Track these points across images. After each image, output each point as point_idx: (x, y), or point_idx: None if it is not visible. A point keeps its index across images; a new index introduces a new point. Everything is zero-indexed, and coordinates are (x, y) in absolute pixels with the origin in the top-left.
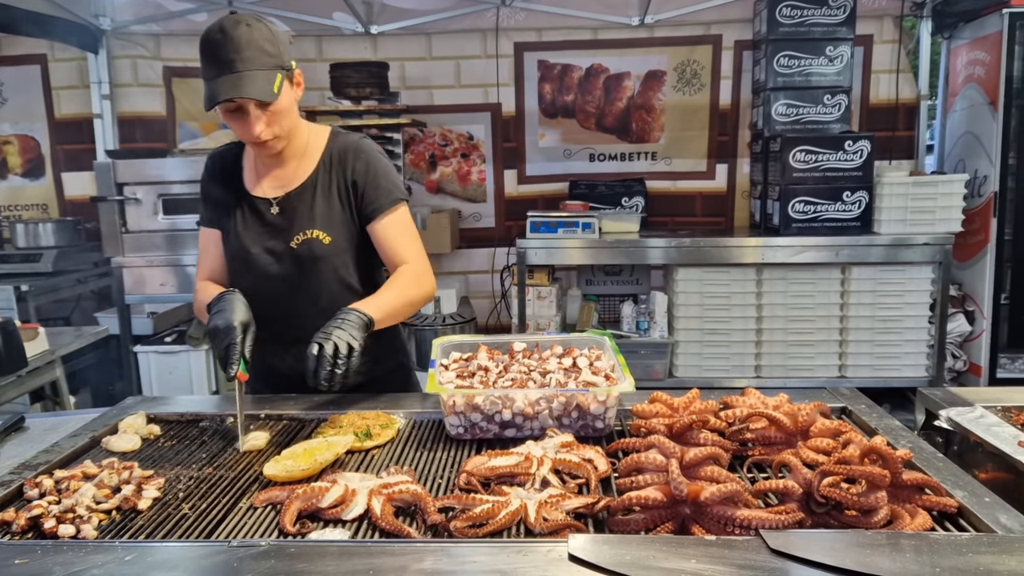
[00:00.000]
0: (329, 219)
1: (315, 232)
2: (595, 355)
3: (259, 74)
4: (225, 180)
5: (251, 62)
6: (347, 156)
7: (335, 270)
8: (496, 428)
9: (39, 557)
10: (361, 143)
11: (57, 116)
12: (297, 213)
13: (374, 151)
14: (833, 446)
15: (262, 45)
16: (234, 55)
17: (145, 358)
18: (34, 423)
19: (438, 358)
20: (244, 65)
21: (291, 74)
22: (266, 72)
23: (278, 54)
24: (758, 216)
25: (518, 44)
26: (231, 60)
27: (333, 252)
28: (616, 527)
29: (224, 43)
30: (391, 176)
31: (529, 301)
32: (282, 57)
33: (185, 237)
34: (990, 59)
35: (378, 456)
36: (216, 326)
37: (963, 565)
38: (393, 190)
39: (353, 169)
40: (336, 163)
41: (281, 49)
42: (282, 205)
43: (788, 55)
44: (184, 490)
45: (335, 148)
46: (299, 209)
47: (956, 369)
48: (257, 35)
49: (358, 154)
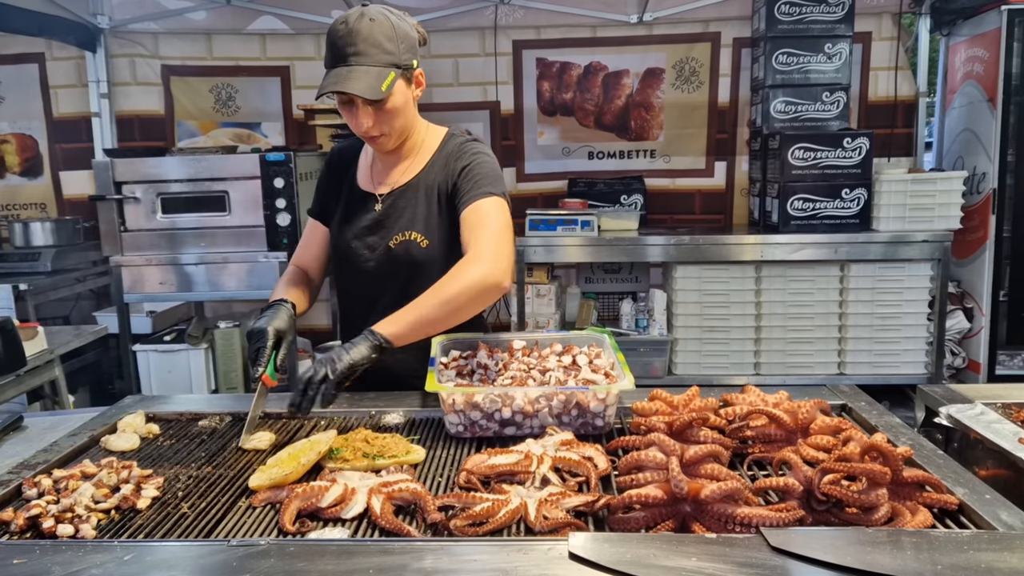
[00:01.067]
0: (429, 222)
1: (414, 234)
2: (595, 353)
3: (371, 70)
4: (340, 172)
5: (365, 57)
6: (454, 157)
7: (430, 276)
8: (496, 426)
9: (38, 557)
10: (468, 144)
11: (55, 115)
12: (399, 212)
13: (479, 152)
14: (833, 443)
15: (380, 41)
16: (350, 48)
17: (144, 357)
18: (33, 422)
19: (437, 356)
20: (357, 59)
21: (409, 73)
22: (379, 69)
23: (396, 52)
24: (757, 214)
25: (517, 42)
26: (346, 52)
27: (430, 257)
28: (616, 525)
29: (344, 34)
30: (489, 173)
31: (528, 299)
32: (400, 55)
33: (184, 236)
34: (989, 56)
35: None
36: (253, 328)
37: (964, 562)
38: (485, 184)
39: (455, 169)
40: (442, 165)
41: (401, 47)
42: (386, 202)
43: (787, 52)
44: (183, 489)
45: (444, 150)
46: (402, 208)
47: (955, 366)
48: (378, 30)
49: (462, 154)
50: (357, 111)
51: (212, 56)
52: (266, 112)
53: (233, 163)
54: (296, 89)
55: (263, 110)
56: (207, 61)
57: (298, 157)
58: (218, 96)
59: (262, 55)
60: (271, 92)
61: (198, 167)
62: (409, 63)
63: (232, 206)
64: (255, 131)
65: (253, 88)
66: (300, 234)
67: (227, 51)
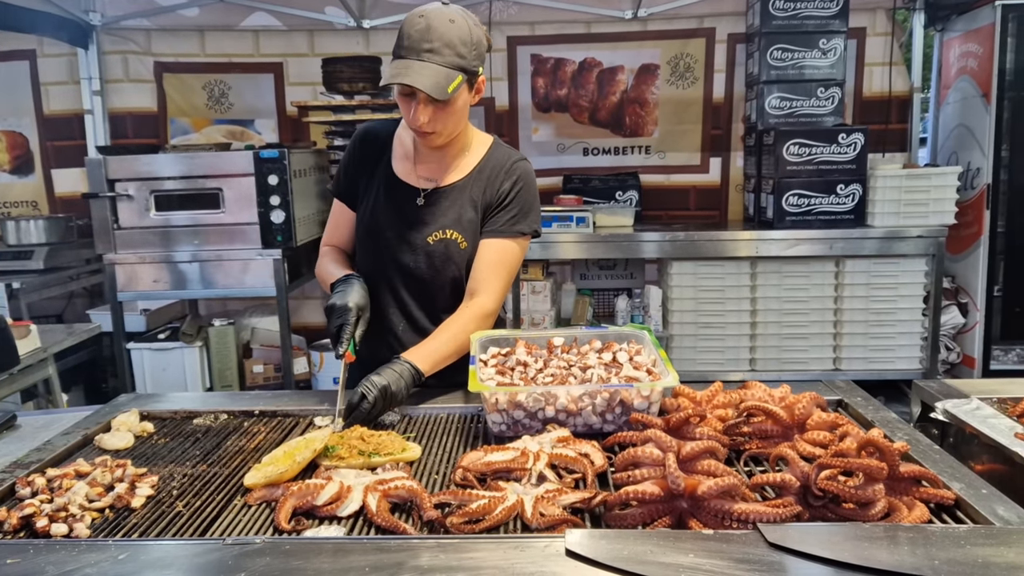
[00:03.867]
0: (471, 227)
1: (454, 234)
2: (635, 349)
3: (441, 70)
4: (373, 155)
5: (438, 55)
6: (499, 172)
7: (462, 276)
8: (539, 425)
9: (31, 556)
10: (517, 164)
11: (46, 112)
12: (441, 210)
13: (528, 177)
14: (830, 439)
15: (455, 43)
16: (424, 42)
17: (138, 355)
18: (26, 421)
19: (476, 354)
20: (430, 56)
21: (474, 79)
22: (448, 70)
23: (467, 56)
24: (752, 209)
25: (511, 38)
26: (420, 47)
27: (465, 258)
28: (613, 522)
29: (422, 28)
30: (530, 208)
31: (524, 296)
32: (470, 60)
33: (178, 233)
34: (983, 51)
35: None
36: (333, 304)
37: (961, 557)
38: (522, 220)
39: (500, 188)
40: (488, 175)
41: (474, 52)
42: (429, 198)
43: (781, 48)
44: (178, 488)
45: (492, 160)
46: (445, 207)
47: (950, 361)
48: (455, 31)
49: (509, 175)
50: (417, 105)
51: (205, 53)
52: (259, 109)
53: (227, 160)
54: (289, 86)
55: (256, 107)
56: (200, 58)
57: (292, 154)
58: (211, 93)
59: (255, 52)
60: (264, 89)
61: (191, 164)
62: (476, 69)
63: (226, 203)
64: (248, 128)
65: (246, 85)
66: (294, 231)
67: (220, 48)
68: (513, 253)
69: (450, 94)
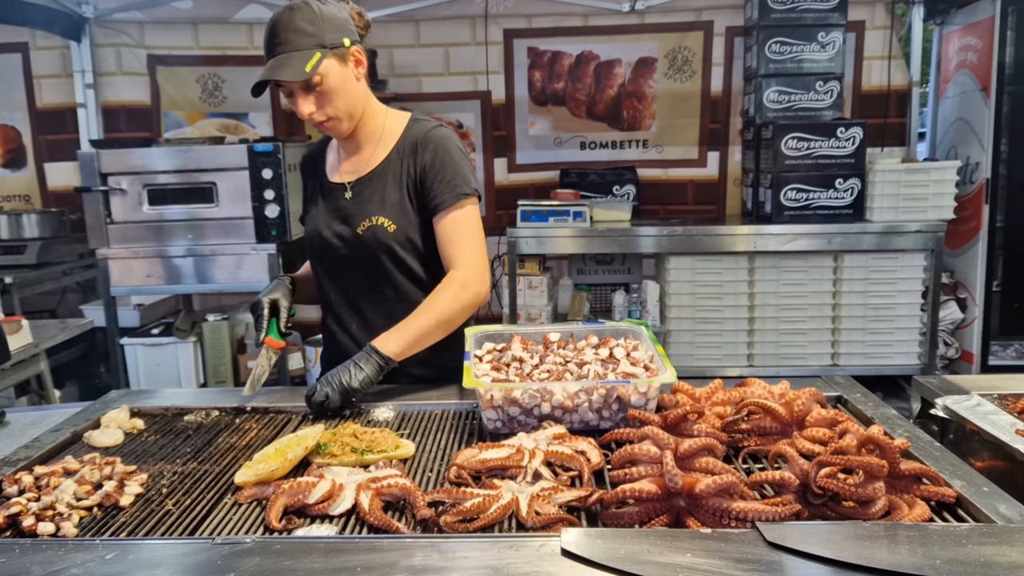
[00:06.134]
0: (397, 207)
1: (380, 219)
2: (632, 345)
3: (295, 55)
4: (311, 173)
5: (288, 44)
6: (418, 145)
7: (400, 259)
8: (535, 421)
9: (17, 556)
10: (432, 132)
11: (39, 105)
12: (366, 199)
13: (446, 141)
14: (830, 436)
15: (300, 26)
16: (274, 40)
17: (132, 351)
18: (15, 417)
19: (472, 349)
20: (282, 48)
21: (341, 52)
22: (302, 53)
23: (318, 33)
24: (750, 204)
25: (507, 31)
26: (272, 45)
27: (398, 241)
28: (610, 520)
29: (269, 28)
30: (460, 170)
31: (520, 291)
32: (323, 36)
33: (172, 228)
34: (982, 45)
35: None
36: (252, 302)
37: (962, 556)
38: (459, 184)
39: (421, 160)
40: (408, 152)
41: (324, 27)
42: (355, 190)
43: (780, 41)
44: (168, 486)
45: (409, 136)
46: (369, 195)
47: (948, 357)
48: (298, 17)
49: (427, 144)
50: (296, 99)
51: (199, 46)
52: (253, 102)
53: (221, 154)
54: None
55: (250, 100)
56: (193, 51)
57: (286, 148)
58: (205, 86)
59: (249, 44)
60: None
61: (185, 158)
62: (338, 42)
63: (220, 197)
64: (242, 121)
65: (240, 78)
66: (289, 225)
67: (214, 40)
68: (466, 217)
69: (310, 72)
